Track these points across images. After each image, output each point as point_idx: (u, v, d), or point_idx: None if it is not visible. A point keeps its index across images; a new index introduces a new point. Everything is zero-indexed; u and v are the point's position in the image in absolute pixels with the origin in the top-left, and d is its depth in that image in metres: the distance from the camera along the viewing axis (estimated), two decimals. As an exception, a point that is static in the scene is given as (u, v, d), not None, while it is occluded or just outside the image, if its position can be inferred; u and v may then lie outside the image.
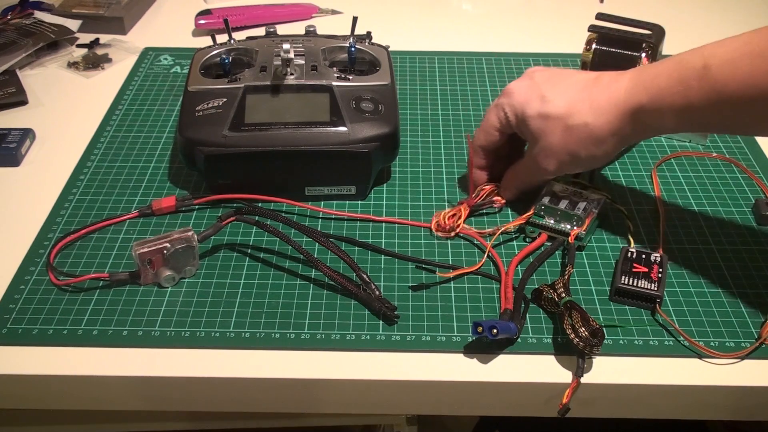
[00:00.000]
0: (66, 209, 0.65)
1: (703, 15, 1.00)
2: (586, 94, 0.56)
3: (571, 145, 0.56)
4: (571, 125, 0.56)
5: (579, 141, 0.56)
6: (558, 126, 0.56)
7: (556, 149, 0.57)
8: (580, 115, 0.55)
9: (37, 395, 0.53)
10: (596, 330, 0.50)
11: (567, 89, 0.57)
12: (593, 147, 0.56)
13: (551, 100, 0.57)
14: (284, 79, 0.66)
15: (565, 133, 0.56)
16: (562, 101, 0.56)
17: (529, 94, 0.58)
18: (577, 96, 0.56)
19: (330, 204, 0.66)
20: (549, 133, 0.57)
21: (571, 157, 0.57)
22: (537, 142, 0.58)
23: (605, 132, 0.55)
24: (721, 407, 0.53)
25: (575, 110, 0.55)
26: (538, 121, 0.57)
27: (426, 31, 0.96)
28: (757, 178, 0.69)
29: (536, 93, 0.58)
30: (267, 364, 0.52)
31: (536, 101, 0.57)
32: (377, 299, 0.55)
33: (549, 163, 0.58)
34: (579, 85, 0.57)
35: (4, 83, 0.81)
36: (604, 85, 0.55)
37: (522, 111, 0.58)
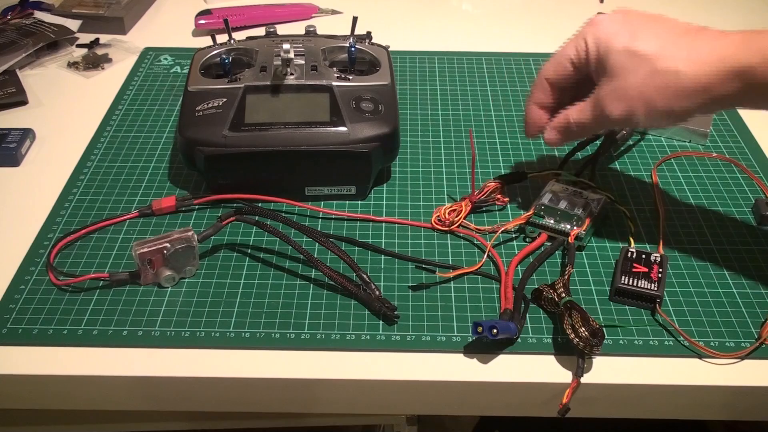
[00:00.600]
0: (66, 209, 0.65)
1: (703, 15, 1.00)
2: (686, 39, 0.50)
3: (651, 91, 0.50)
4: (659, 69, 0.49)
5: (662, 89, 0.49)
6: (644, 66, 0.50)
7: (632, 92, 0.50)
8: (674, 60, 0.49)
9: (37, 395, 0.53)
10: (596, 330, 0.50)
11: (664, 31, 0.51)
12: (675, 100, 0.49)
13: (644, 38, 0.50)
14: (284, 79, 0.66)
15: (650, 76, 0.50)
16: (656, 42, 0.50)
17: (619, 27, 0.52)
18: (674, 39, 0.50)
19: (330, 204, 0.66)
20: (631, 71, 0.50)
21: (645, 106, 0.50)
22: (612, 80, 0.51)
23: (697, 85, 0.49)
24: (721, 407, 0.53)
25: (669, 54, 0.49)
26: (623, 56, 0.51)
27: (426, 31, 0.96)
28: (757, 178, 0.69)
29: (628, 28, 0.51)
30: (267, 364, 0.52)
31: (626, 35, 0.51)
32: (377, 299, 0.55)
33: (616, 107, 0.51)
34: (679, 29, 0.51)
35: (4, 83, 0.81)
36: (709, 35, 0.50)
37: (607, 43, 0.52)
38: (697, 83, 0.49)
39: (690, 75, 0.49)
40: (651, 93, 0.50)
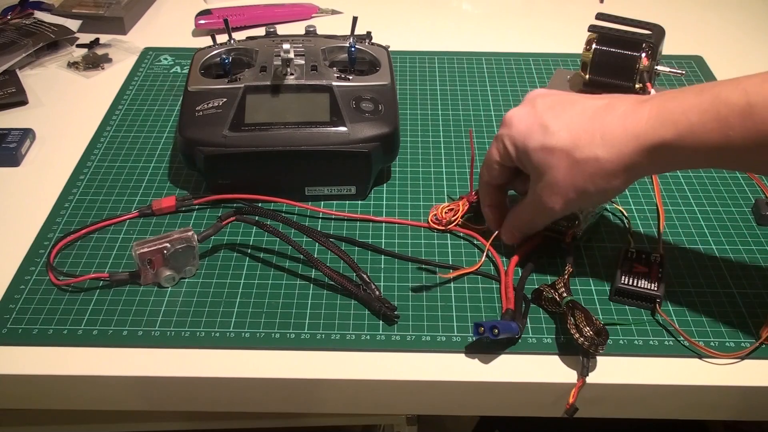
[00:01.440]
0: (66, 209, 0.65)
1: (703, 15, 1.00)
2: (597, 123, 0.50)
3: (579, 181, 0.51)
4: (578, 159, 0.50)
5: (587, 176, 0.50)
6: (563, 160, 0.51)
7: (562, 186, 0.51)
8: (589, 148, 0.50)
9: (37, 395, 0.53)
10: (600, 329, 0.50)
11: (573, 118, 0.51)
12: (603, 182, 0.50)
13: (555, 131, 0.51)
14: (284, 79, 0.66)
15: (572, 167, 0.50)
16: (567, 132, 0.51)
17: (529, 124, 0.53)
18: (584, 126, 0.50)
19: (330, 204, 0.66)
20: (553, 167, 0.51)
21: (579, 194, 0.51)
22: (540, 179, 0.52)
23: (619, 166, 0.49)
24: (721, 407, 0.53)
25: (583, 142, 0.50)
26: (541, 154, 0.51)
27: (426, 31, 0.96)
28: (757, 178, 0.69)
29: (538, 122, 0.52)
30: (267, 364, 0.52)
31: (538, 132, 0.52)
32: (377, 299, 0.55)
33: (554, 201, 0.52)
34: (587, 113, 0.51)
35: (4, 83, 0.81)
36: (618, 114, 0.50)
37: (523, 143, 0.53)
38: (619, 164, 0.49)
39: (609, 158, 0.49)
40: (580, 182, 0.51)
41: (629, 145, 0.49)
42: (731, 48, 0.92)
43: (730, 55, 0.90)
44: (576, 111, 0.52)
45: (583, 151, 0.50)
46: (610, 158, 0.49)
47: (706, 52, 0.90)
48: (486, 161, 0.58)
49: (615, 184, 0.50)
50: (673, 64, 0.85)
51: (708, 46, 0.91)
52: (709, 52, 0.89)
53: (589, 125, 0.50)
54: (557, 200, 0.52)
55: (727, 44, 0.93)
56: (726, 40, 0.94)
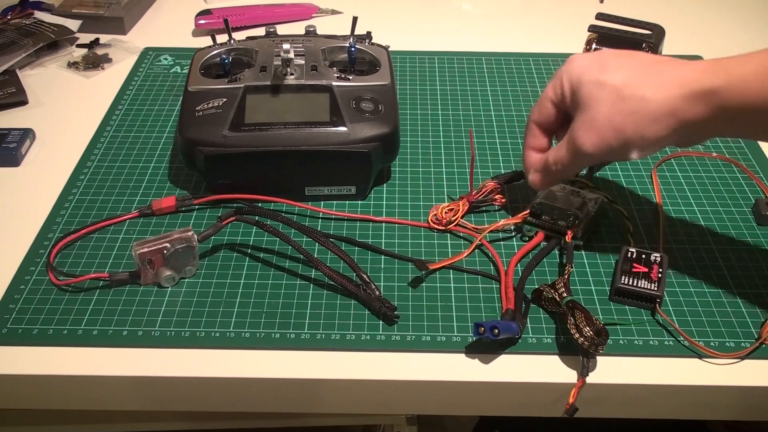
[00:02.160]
0: (66, 209, 0.65)
1: (703, 15, 1.00)
2: (654, 69, 0.50)
3: (620, 118, 0.50)
4: (626, 95, 0.50)
5: (630, 115, 0.50)
6: (611, 95, 0.50)
7: (601, 121, 0.51)
8: (640, 87, 0.50)
9: (37, 395, 0.53)
10: (600, 329, 0.50)
11: (633, 62, 0.52)
12: (644, 125, 0.49)
13: (612, 68, 0.51)
14: (284, 79, 0.66)
15: (617, 102, 0.50)
16: (624, 72, 0.51)
17: (590, 63, 0.53)
18: (642, 69, 0.51)
19: (330, 204, 0.66)
20: (599, 102, 0.51)
21: (616, 134, 0.50)
22: (583, 113, 0.52)
23: (663, 109, 0.49)
24: (721, 407, 0.53)
25: (636, 82, 0.50)
26: (592, 87, 0.51)
27: (426, 31, 0.96)
28: (757, 178, 0.69)
29: (599, 62, 0.52)
30: (267, 364, 0.52)
31: (596, 68, 0.52)
32: (377, 299, 0.55)
33: (588, 137, 0.51)
34: (647, 61, 0.52)
35: (4, 83, 0.81)
36: (676, 64, 0.50)
37: (578, 77, 0.53)
38: (664, 107, 0.49)
39: (656, 99, 0.49)
40: (619, 120, 0.50)
41: (678, 89, 0.49)
42: (731, 48, 0.92)
43: (730, 55, 0.90)
44: (638, 59, 0.52)
45: (633, 89, 0.50)
46: (656, 99, 0.49)
47: (706, 52, 0.90)
48: (540, 99, 0.57)
49: (655, 130, 0.50)
50: (673, 64, 0.85)
51: (708, 46, 0.91)
52: (709, 52, 0.90)
53: (646, 69, 0.51)
54: (592, 137, 0.51)
55: (727, 44, 0.93)
56: (726, 40, 0.94)
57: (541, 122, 0.57)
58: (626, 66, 0.51)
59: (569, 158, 0.54)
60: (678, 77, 0.49)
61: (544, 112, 0.56)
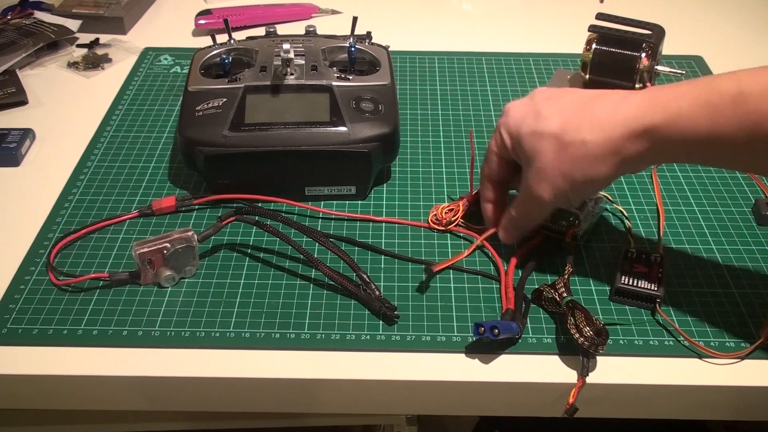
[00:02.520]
0: (66, 209, 0.65)
1: (703, 15, 1.00)
2: (588, 109, 0.50)
3: (565, 165, 0.50)
4: (566, 142, 0.50)
5: (574, 160, 0.50)
6: (552, 144, 0.51)
7: (549, 171, 0.51)
8: (578, 132, 0.50)
9: (37, 395, 0.53)
10: (600, 329, 0.50)
11: (565, 105, 0.52)
12: (590, 168, 0.50)
13: (547, 116, 0.51)
14: (284, 79, 0.66)
15: (560, 151, 0.50)
16: (558, 118, 0.51)
17: (525, 112, 0.53)
18: (575, 111, 0.51)
19: (330, 204, 0.66)
20: (542, 152, 0.51)
21: (566, 180, 0.51)
22: (530, 165, 0.52)
23: (605, 150, 0.49)
24: (721, 407, 0.53)
25: (572, 127, 0.50)
26: (532, 139, 0.52)
27: (426, 31, 0.96)
28: (757, 178, 0.69)
29: (532, 110, 0.53)
30: (267, 364, 0.52)
31: (531, 118, 0.52)
32: (377, 299, 0.55)
33: (542, 188, 0.52)
34: (579, 101, 0.51)
35: (4, 83, 0.81)
36: (610, 101, 0.50)
37: (517, 130, 0.53)
38: (605, 148, 0.49)
39: (596, 142, 0.49)
40: (566, 167, 0.50)
41: (617, 130, 0.49)
42: (731, 48, 0.92)
43: (730, 55, 0.90)
44: (569, 99, 0.52)
45: (571, 135, 0.50)
46: (596, 142, 0.49)
47: (706, 52, 0.90)
48: (486, 154, 0.58)
49: (602, 171, 0.50)
50: (673, 64, 0.85)
51: (708, 46, 0.91)
52: (709, 52, 0.89)
53: (580, 111, 0.51)
54: (545, 188, 0.52)
55: (727, 44, 0.93)
56: (726, 40, 0.94)
57: (491, 176, 0.58)
58: (559, 110, 0.51)
59: (530, 209, 0.55)
60: (615, 114, 0.49)
61: (492, 166, 0.57)
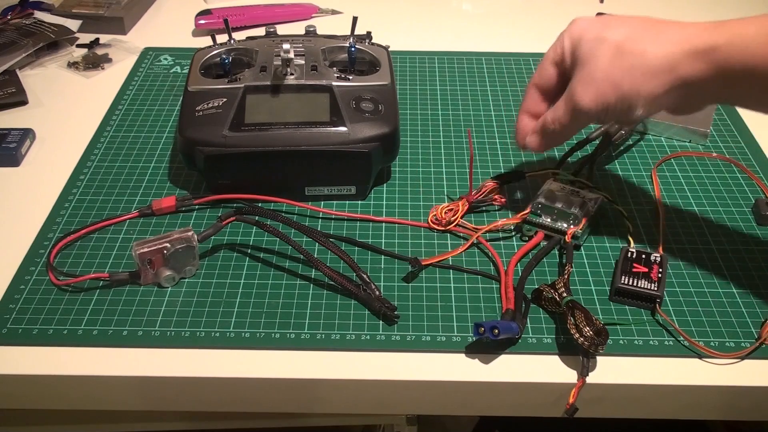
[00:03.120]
0: (66, 209, 0.65)
1: (703, 15, 1.00)
2: (656, 26, 0.50)
3: (617, 73, 0.49)
4: (625, 50, 0.49)
5: (628, 69, 0.49)
6: (611, 49, 0.50)
7: (600, 75, 0.50)
8: (641, 42, 0.49)
9: (37, 395, 0.53)
10: (600, 329, 0.50)
11: (635, 22, 0.51)
12: (642, 79, 0.49)
13: (615, 25, 0.51)
14: (284, 79, 0.66)
15: (616, 56, 0.50)
16: (625, 29, 0.50)
17: (593, 21, 0.53)
18: (643, 27, 0.50)
19: (330, 204, 0.66)
20: (599, 56, 0.50)
21: (614, 88, 0.50)
22: (582, 68, 0.51)
23: (663, 64, 0.48)
24: (721, 407, 0.53)
25: (636, 37, 0.50)
26: (593, 43, 0.51)
27: (426, 31, 0.96)
28: (757, 178, 0.69)
29: (602, 20, 0.52)
30: (267, 364, 0.52)
31: (598, 25, 0.52)
32: (377, 299, 0.55)
33: (586, 93, 0.51)
34: (650, 20, 0.51)
35: (4, 83, 0.81)
36: (678, 23, 0.50)
37: (580, 36, 0.52)
38: (663, 62, 0.49)
39: (656, 54, 0.49)
40: (617, 75, 0.50)
41: (679, 45, 0.48)
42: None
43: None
44: (641, 18, 0.52)
45: (633, 43, 0.49)
46: (656, 53, 0.49)
47: (706, 52, 0.90)
48: (541, 62, 0.56)
49: (652, 85, 0.49)
50: (673, 64, 0.85)
51: (708, 46, 0.91)
52: (709, 52, 0.89)
53: (648, 27, 0.50)
54: (590, 93, 0.51)
55: (727, 44, 0.93)
56: (726, 40, 0.94)
57: (541, 85, 0.56)
58: (628, 24, 0.51)
59: (568, 116, 0.53)
60: (680, 34, 0.49)
61: (544, 74, 0.56)
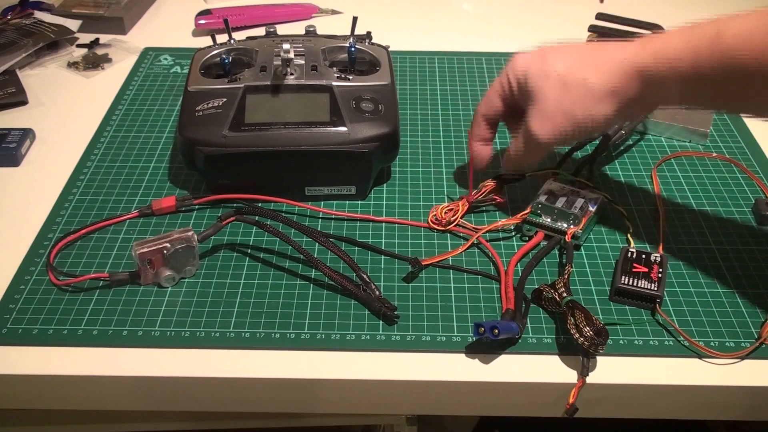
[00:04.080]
0: (66, 209, 0.65)
1: (703, 15, 1.00)
2: (590, 54, 0.55)
3: (568, 104, 0.54)
4: (569, 82, 0.54)
5: (576, 99, 0.54)
6: (556, 83, 0.54)
7: (552, 109, 0.55)
8: (581, 72, 0.54)
9: (37, 395, 0.53)
10: (600, 329, 0.50)
11: (571, 51, 0.56)
12: (591, 106, 0.54)
13: (553, 60, 0.55)
14: (284, 79, 0.66)
15: (563, 89, 0.54)
16: (564, 61, 0.55)
17: (533, 57, 0.57)
18: (580, 55, 0.55)
19: (330, 204, 0.66)
20: (546, 92, 0.55)
21: (567, 118, 0.54)
22: (534, 104, 0.56)
23: (605, 89, 0.53)
24: (721, 407, 0.53)
25: (576, 68, 0.54)
26: (537, 80, 0.55)
27: (426, 31, 0.96)
28: (757, 178, 0.69)
29: (540, 55, 0.57)
30: (267, 364, 0.52)
31: (539, 61, 0.56)
32: (377, 299, 0.55)
33: (543, 127, 0.56)
34: (584, 48, 0.56)
35: (4, 83, 0.81)
36: (610, 47, 0.54)
37: (524, 72, 0.57)
38: (605, 88, 0.53)
39: (598, 82, 0.53)
40: (568, 105, 0.54)
41: (615, 70, 0.53)
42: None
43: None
44: (575, 48, 0.56)
45: (574, 75, 0.54)
46: (598, 81, 0.53)
47: (706, 52, 0.90)
48: (488, 94, 0.61)
49: (602, 109, 0.54)
50: (673, 64, 0.85)
51: (708, 46, 0.91)
52: (709, 52, 0.89)
53: (584, 55, 0.55)
54: (546, 126, 0.55)
55: (727, 44, 0.93)
56: (726, 40, 0.94)
57: (488, 115, 0.61)
58: (566, 55, 0.55)
59: (528, 149, 0.58)
60: (613, 60, 0.53)
61: (491, 106, 0.61)
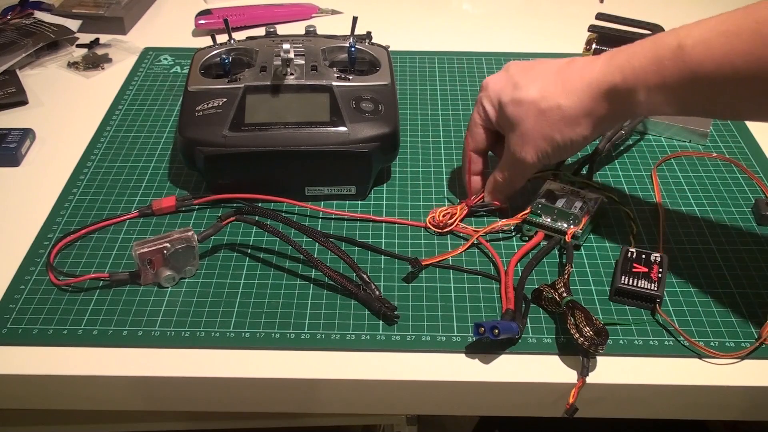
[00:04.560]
0: (66, 209, 0.65)
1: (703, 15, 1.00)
2: (559, 77, 0.55)
3: (546, 129, 0.56)
4: (544, 108, 0.55)
5: (553, 124, 0.55)
6: (531, 110, 0.56)
7: (532, 135, 0.56)
8: (553, 97, 0.55)
9: (37, 395, 0.53)
10: (600, 329, 0.50)
11: (540, 75, 0.56)
12: (568, 129, 0.55)
13: (524, 85, 0.56)
14: (284, 79, 0.66)
15: (539, 116, 0.56)
16: (535, 86, 0.56)
17: (503, 84, 0.58)
18: (549, 80, 0.56)
19: (330, 204, 0.66)
20: (523, 119, 0.56)
21: (548, 142, 0.56)
22: (513, 131, 0.58)
23: (578, 112, 0.54)
24: (721, 407, 0.53)
25: (548, 93, 0.55)
26: (512, 108, 0.57)
27: (426, 31, 0.96)
28: (757, 178, 0.69)
29: (510, 81, 0.58)
30: (267, 364, 0.52)
31: (510, 88, 0.57)
32: (377, 299, 0.55)
33: (527, 152, 0.57)
34: (552, 70, 0.56)
35: (4, 83, 0.81)
36: (577, 68, 0.55)
37: (498, 100, 0.58)
38: (579, 111, 0.54)
39: (570, 105, 0.54)
40: (546, 130, 0.56)
41: (586, 92, 0.54)
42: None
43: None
44: (542, 69, 0.57)
45: (548, 101, 0.55)
46: (571, 105, 0.54)
47: (706, 52, 0.90)
48: (469, 127, 0.63)
49: (579, 132, 0.55)
50: (673, 64, 0.85)
51: (708, 46, 0.91)
52: (709, 52, 0.89)
53: (554, 79, 0.56)
54: (529, 150, 0.57)
55: (727, 44, 0.93)
56: (726, 40, 0.94)
57: (477, 148, 0.63)
58: (534, 79, 0.56)
59: (514, 172, 0.60)
60: (582, 79, 0.54)
61: (477, 138, 0.62)
